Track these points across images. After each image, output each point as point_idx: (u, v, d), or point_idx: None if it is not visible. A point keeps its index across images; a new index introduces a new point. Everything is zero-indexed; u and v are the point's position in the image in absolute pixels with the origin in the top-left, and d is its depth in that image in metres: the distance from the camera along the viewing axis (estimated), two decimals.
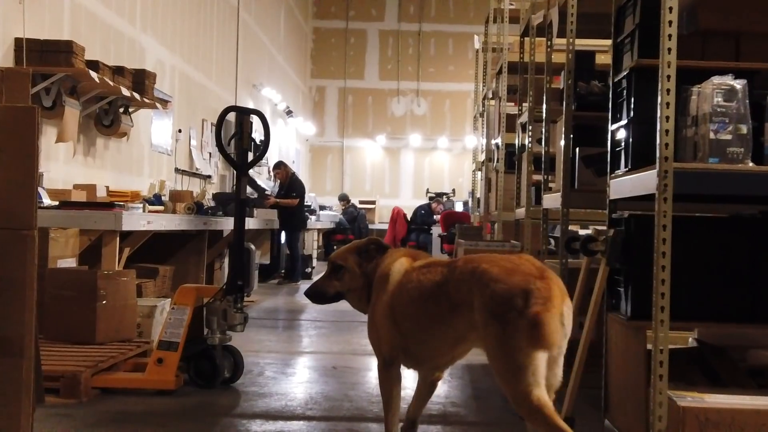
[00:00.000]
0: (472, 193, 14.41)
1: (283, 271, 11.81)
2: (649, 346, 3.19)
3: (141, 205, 6.29)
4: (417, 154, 20.31)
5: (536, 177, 6.71)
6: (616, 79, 3.60)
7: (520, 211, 7.10)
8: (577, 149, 4.85)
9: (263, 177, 14.03)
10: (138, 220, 5.67)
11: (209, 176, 10.97)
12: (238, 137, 4.48)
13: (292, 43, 17.96)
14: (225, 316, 4.37)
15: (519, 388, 2.55)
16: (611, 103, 3.64)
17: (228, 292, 4.39)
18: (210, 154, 11.10)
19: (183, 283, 7.63)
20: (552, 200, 5.23)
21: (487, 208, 10.17)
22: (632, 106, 3.35)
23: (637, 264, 3.25)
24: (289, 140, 17.46)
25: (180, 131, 9.73)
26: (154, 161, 8.98)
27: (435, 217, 15.92)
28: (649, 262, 3.13)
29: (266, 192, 11.74)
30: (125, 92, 6.63)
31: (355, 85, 20.39)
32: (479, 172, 12.10)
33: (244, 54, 13.11)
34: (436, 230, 14.67)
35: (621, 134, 3.48)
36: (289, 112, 16.24)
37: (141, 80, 7.06)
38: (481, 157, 11.35)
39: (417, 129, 20.18)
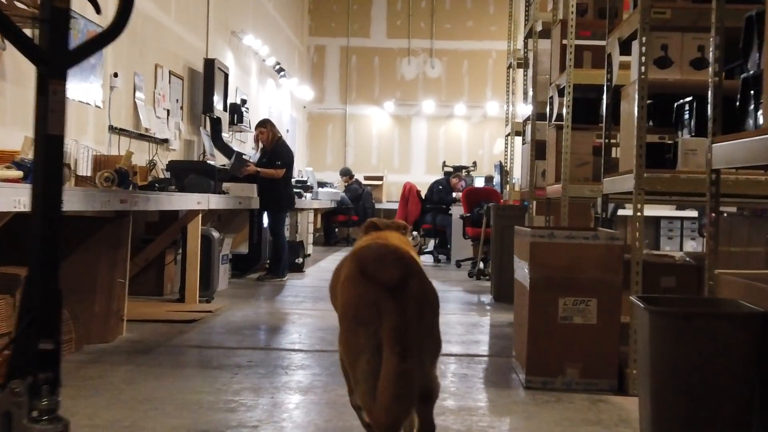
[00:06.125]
0: (501, 165, 11.82)
1: (267, 262, 9.27)
2: None
3: None
4: (430, 123, 17.77)
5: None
6: None
7: (613, 182, 4.46)
8: None
9: (247, 146, 11.40)
10: None
11: (166, 140, 8.32)
12: None
13: None
14: (7, 429, 1.74)
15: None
16: None
17: (13, 372, 1.73)
18: (168, 111, 8.47)
19: (81, 294, 5.05)
20: (741, 152, 2.59)
21: (533, 181, 7.52)
22: None
23: None
24: (282, 105, 14.80)
25: (116, 75, 7.06)
26: (71, 114, 6.33)
27: (455, 194, 13.29)
28: None
29: (244, 156, 9.17)
30: None
31: (359, 44, 17.80)
32: (518, 137, 9.46)
33: None
34: (457, 210, 12.06)
35: None
36: (280, 70, 13.59)
37: None
38: (522, 117, 8.70)
39: (430, 94, 17.61)
